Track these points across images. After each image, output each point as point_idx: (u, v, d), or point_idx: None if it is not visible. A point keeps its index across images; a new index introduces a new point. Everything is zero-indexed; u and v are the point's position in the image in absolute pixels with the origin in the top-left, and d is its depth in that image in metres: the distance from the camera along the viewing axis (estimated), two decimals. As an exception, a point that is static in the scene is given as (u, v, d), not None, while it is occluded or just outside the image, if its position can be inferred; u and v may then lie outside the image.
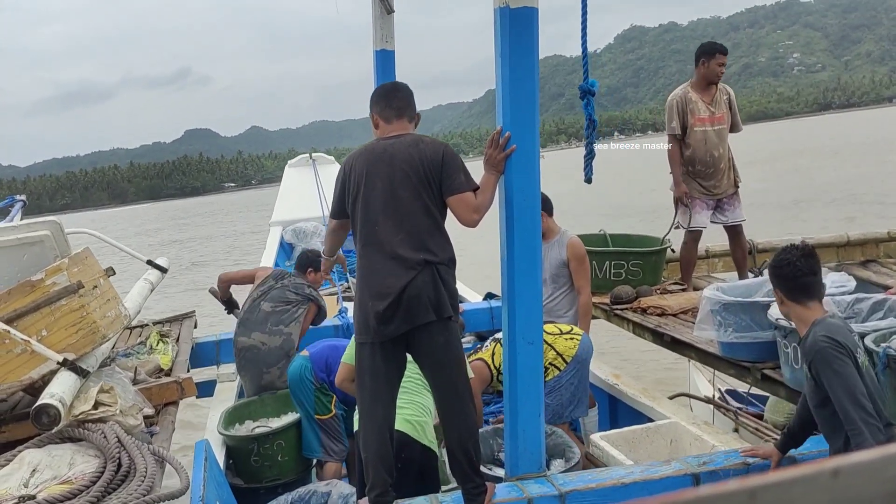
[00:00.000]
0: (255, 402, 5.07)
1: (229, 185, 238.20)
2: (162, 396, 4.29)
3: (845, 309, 4.03)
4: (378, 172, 3.29)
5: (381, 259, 3.24)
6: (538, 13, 3.18)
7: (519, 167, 3.25)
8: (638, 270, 6.23)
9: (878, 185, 24.91)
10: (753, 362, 4.34)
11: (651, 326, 5.46)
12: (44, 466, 3.12)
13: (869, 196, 22.74)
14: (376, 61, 6.04)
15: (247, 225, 37.09)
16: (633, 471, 3.34)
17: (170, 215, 76.01)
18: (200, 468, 3.50)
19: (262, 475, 4.69)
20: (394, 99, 3.48)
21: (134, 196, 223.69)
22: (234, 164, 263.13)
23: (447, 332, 3.25)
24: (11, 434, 3.73)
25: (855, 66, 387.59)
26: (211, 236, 37.89)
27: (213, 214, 69.83)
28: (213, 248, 31.69)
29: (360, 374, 3.39)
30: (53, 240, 3.91)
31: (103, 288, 4.00)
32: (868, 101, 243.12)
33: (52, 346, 3.55)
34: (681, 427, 4.13)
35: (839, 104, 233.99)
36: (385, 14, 5.94)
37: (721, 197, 6.18)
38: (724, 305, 4.37)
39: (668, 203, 6.33)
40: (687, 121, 6.07)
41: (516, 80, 3.20)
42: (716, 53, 6.12)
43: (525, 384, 3.33)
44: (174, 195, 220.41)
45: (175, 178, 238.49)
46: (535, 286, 3.34)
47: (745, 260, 6.43)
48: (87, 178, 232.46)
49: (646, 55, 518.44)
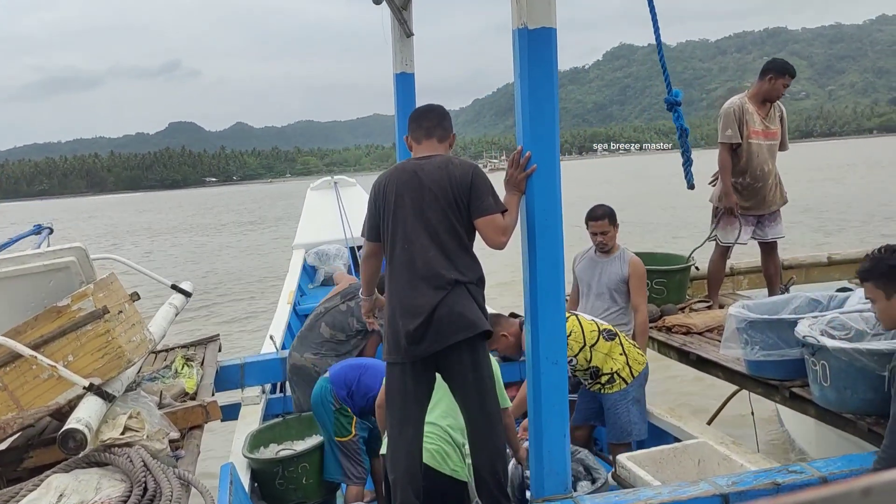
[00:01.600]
0: (280, 424, 5.08)
1: (210, 180, 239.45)
2: (187, 420, 4.30)
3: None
4: (407, 193, 3.31)
5: (411, 278, 3.24)
6: (556, 33, 3.19)
7: (540, 186, 3.25)
8: (662, 289, 6.19)
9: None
10: (781, 380, 4.28)
11: (676, 345, 5.41)
12: (70, 491, 3.13)
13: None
14: (396, 85, 6.08)
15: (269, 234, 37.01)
16: (660, 492, 3.29)
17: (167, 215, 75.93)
18: (226, 492, 3.51)
19: (287, 498, 4.69)
20: (423, 120, 3.52)
21: (113, 186, 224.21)
22: (217, 160, 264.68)
23: (477, 352, 3.25)
24: (39, 459, 3.75)
25: (838, 95, 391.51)
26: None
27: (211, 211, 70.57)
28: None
29: (389, 394, 3.39)
30: (79, 265, 3.95)
31: (128, 312, 4.03)
32: (849, 130, 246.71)
33: (79, 371, 3.57)
34: (709, 447, 4.08)
35: (821, 132, 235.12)
36: (405, 37, 5.98)
37: (763, 213, 6.13)
38: (751, 323, 4.32)
39: (657, 212, 6.32)
40: (743, 131, 5.97)
41: (536, 100, 3.20)
42: (785, 74, 5.98)
43: (550, 404, 3.31)
44: (154, 187, 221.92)
45: (156, 170, 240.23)
46: (559, 305, 3.33)
47: (777, 276, 6.36)
48: (67, 164, 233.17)
49: (633, 73, 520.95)
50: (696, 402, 7.73)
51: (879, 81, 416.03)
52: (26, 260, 3.93)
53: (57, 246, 4.25)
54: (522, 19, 3.13)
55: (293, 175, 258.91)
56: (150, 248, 34.91)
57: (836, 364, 3.65)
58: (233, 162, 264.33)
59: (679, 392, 8.22)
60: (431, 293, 3.19)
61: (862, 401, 3.61)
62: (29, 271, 3.87)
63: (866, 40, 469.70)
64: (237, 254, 29.08)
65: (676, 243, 15.92)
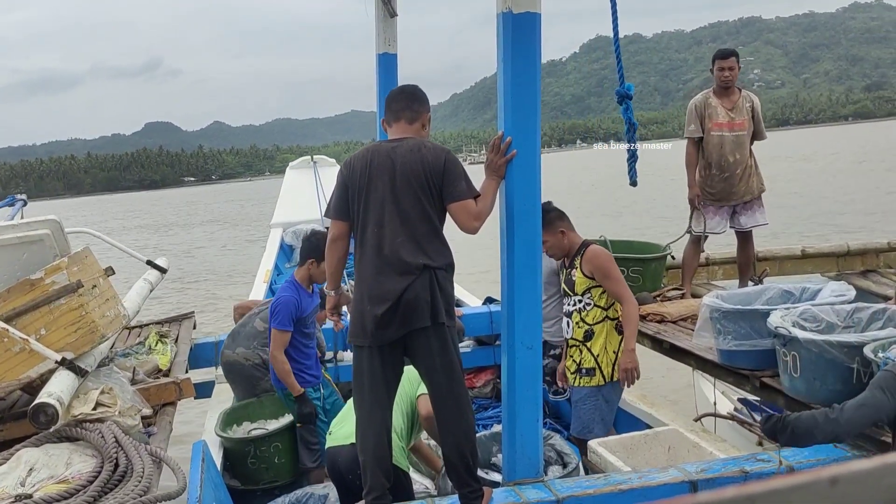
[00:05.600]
0: (253, 403, 5.08)
1: (189, 180, 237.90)
2: (160, 397, 4.28)
3: (845, 318, 4.03)
4: (380, 176, 3.28)
5: (380, 263, 3.23)
6: (541, 18, 3.19)
7: (520, 172, 3.25)
8: (638, 277, 6.22)
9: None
10: (752, 370, 4.33)
11: (650, 333, 5.45)
12: (41, 465, 3.12)
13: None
14: (379, 65, 6.05)
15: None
16: (630, 477, 3.33)
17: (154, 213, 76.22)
18: (198, 469, 3.50)
19: (258, 477, 4.69)
20: (393, 102, 3.48)
21: (90, 187, 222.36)
22: (195, 159, 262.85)
23: (443, 337, 3.25)
24: (9, 433, 3.73)
25: (813, 83, 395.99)
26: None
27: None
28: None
29: (357, 377, 3.38)
30: (53, 239, 3.91)
31: (102, 287, 4.00)
32: (825, 118, 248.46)
33: (51, 345, 3.54)
34: (679, 434, 4.13)
35: (797, 120, 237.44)
36: (388, 17, 5.95)
37: (736, 203, 6.20)
38: (724, 313, 4.36)
39: (627, 203, 6.39)
40: (705, 125, 6.13)
41: (518, 86, 3.20)
42: (715, 59, 6.23)
43: (524, 388, 3.33)
44: (132, 187, 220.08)
45: (133, 171, 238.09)
46: (535, 291, 3.34)
47: (748, 266, 6.44)
48: (43, 167, 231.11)
49: (610, 65, 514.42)
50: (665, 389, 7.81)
51: (853, 69, 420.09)
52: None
53: (31, 218, 4.20)
54: (507, 3, 3.12)
55: (272, 173, 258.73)
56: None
57: (807, 355, 3.70)
58: (211, 161, 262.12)
59: (652, 381, 8.29)
60: (399, 279, 3.18)
61: (831, 392, 3.67)
62: (2, 243, 3.83)
63: (839, 28, 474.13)
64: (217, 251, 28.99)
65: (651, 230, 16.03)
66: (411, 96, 3.50)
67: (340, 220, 3.41)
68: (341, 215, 3.40)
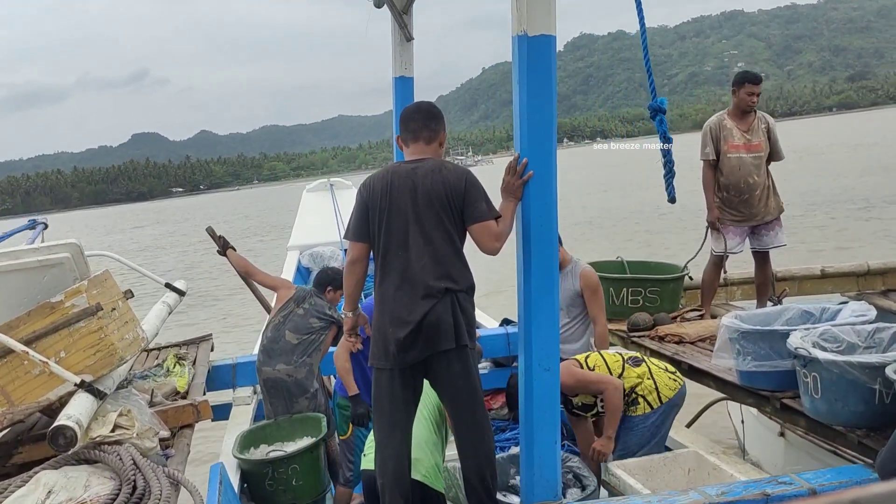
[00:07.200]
0: (271, 425, 5.07)
1: (177, 191, 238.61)
2: (178, 419, 4.29)
3: (866, 338, 3.98)
4: (402, 197, 3.27)
5: (402, 285, 3.23)
6: (556, 41, 3.20)
7: (536, 193, 3.26)
8: (655, 297, 6.20)
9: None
10: (773, 391, 4.29)
11: (669, 354, 5.41)
12: (59, 488, 3.12)
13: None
14: (395, 88, 6.09)
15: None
16: (650, 500, 3.30)
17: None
18: (215, 492, 3.50)
19: (277, 500, 4.67)
20: (410, 122, 3.47)
21: (78, 201, 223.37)
22: (183, 169, 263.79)
23: (465, 360, 3.25)
24: (28, 455, 3.74)
25: (797, 75, 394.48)
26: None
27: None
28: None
29: (377, 399, 3.38)
30: (73, 262, 3.94)
31: (122, 310, 4.02)
32: (809, 109, 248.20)
33: (71, 367, 3.56)
34: (699, 456, 4.08)
35: (781, 112, 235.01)
36: (404, 42, 6.00)
37: (757, 224, 6.17)
38: (743, 334, 4.33)
39: (623, 206, 6.36)
40: (720, 147, 6.11)
41: (534, 108, 3.21)
42: (745, 83, 6.12)
43: (541, 411, 3.31)
44: (120, 200, 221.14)
45: (121, 183, 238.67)
46: (552, 313, 3.33)
47: (766, 287, 6.39)
48: (30, 182, 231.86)
49: (595, 63, 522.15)
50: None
51: (836, 59, 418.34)
52: (20, 255, 3.93)
53: (51, 242, 4.24)
54: (522, 26, 3.14)
55: (261, 181, 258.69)
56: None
57: (828, 376, 3.67)
58: (199, 171, 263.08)
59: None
60: (422, 301, 3.18)
61: (852, 413, 3.62)
62: (23, 266, 3.86)
63: (822, 19, 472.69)
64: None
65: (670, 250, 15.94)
66: (428, 114, 3.49)
67: (361, 241, 3.41)
68: (361, 237, 3.40)
